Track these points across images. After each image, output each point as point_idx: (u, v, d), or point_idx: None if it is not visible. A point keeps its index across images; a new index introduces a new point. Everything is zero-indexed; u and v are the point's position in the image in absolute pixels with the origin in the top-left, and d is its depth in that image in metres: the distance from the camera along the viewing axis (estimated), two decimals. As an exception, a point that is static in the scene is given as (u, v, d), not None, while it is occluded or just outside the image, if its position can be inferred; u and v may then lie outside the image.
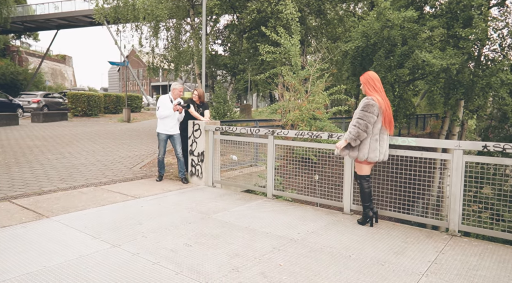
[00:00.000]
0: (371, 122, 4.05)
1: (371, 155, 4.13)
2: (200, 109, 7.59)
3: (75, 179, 6.81)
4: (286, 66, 9.04)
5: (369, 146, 4.12)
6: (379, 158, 4.17)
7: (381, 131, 4.17)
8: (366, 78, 4.24)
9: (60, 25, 42.19)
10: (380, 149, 4.16)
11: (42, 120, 18.52)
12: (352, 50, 11.21)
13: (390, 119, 4.17)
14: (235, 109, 13.16)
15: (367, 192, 4.34)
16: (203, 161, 6.66)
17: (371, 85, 4.18)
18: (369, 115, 4.05)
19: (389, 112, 4.15)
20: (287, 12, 9.24)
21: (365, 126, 4.05)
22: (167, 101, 6.72)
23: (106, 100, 24.57)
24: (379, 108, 4.07)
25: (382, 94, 4.16)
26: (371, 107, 4.06)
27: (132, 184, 6.68)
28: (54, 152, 9.60)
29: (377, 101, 4.07)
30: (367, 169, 4.33)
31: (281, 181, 6.93)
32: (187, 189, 6.39)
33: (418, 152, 4.42)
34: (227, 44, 14.25)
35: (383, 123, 4.14)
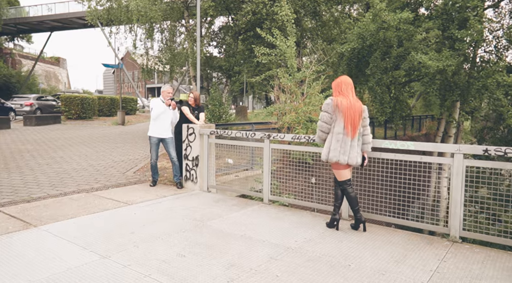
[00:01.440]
0: (325, 120, 4.12)
1: (331, 154, 4.12)
2: (195, 112, 7.45)
3: (66, 185, 6.64)
4: (281, 68, 8.93)
5: (329, 145, 4.14)
6: (340, 158, 4.09)
7: (345, 132, 4.11)
8: (336, 83, 4.26)
9: (53, 27, 41.84)
10: (341, 150, 4.09)
11: (35, 123, 18.28)
12: (348, 52, 11.12)
13: (353, 122, 4.07)
14: (231, 111, 13.02)
15: (353, 196, 4.26)
16: (197, 166, 6.52)
17: (337, 89, 4.21)
18: (323, 114, 4.15)
19: (351, 114, 4.06)
20: (283, 13, 9.14)
21: (320, 126, 4.17)
22: (159, 102, 6.62)
23: (100, 102, 24.32)
24: (335, 106, 4.07)
25: (347, 96, 4.12)
26: (325, 106, 4.16)
27: (125, 190, 6.52)
28: (45, 156, 9.41)
29: (334, 100, 4.09)
30: (344, 173, 4.23)
31: (278, 185, 6.81)
32: (181, 194, 6.25)
33: (417, 156, 4.33)
34: (222, 46, 14.11)
35: (344, 123, 4.08)
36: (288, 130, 8.70)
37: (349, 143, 4.08)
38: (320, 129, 4.19)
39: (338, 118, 4.04)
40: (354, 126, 4.05)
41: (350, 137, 4.08)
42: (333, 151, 4.07)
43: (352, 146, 4.10)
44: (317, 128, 4.24)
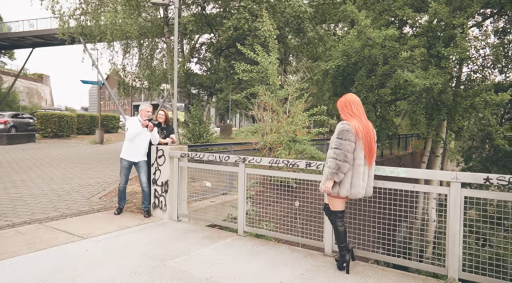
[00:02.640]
0: (350, 151, 3.43)
1: (354, 190, 3.50)
2: (164, 132, 6.87)
3: (17, 214, 5.90)
4: (262, 85, 8.44)
5: (351, 179, 3.49)
6: (362, 193, 3.54)
7: (364, 161, 3.55)
8: (343, 103, 3.67)
9: (35, 43, 41.06)
10: (363, 184, 3.54)
11: (6, 142, 17.35)
12: (332, 69, 10.76)
13: (371, 149, 3.53)
14: (215, 129, 12.43)
15: (341, 231, 3.69)
16: (167, 192, 5.87)
17: (347, 111, 3.61)
18: (346, 143, 3.44)
19: (369, 141, 3.52)
20: (264, 28, 8.74)
21: (343, 156, 3.42)
22: (136, 122, 5.97)
23: (79, 120, 23.49)
24: (355, 134, 3.46)
25: (361, 120, 3.56)
26: (347, 134, 3.45)
27: (85, 219, 5.81)
28: (5, 180, 8.62)
29: (354, 127, 3.47)
30: (342, 204, 3.68)
31: (257, 212, 6.21)
32: (148, 224, 5.58)
33: (409, 184, 3.80)
34: (203, 62, 13.64)
35: (364, 150, 3.52)
36: (270, 151, 8.15)
37: (367, 173, 3.60)
38: (342, 160, 3.38)
39: (357, 147, 3.46)
40: (373, 154, 3.56)
41: (368, 167, 3.59)
42: (357, 186, 3.48)
43: (370, 176, 3.64)
44: (334, 160, 3.41)
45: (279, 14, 11.43)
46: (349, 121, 3.51)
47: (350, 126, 3.46)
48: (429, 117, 11.58)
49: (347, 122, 3.50)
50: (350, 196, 3.51)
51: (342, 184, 3.50)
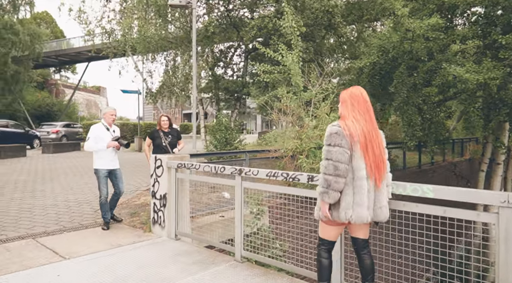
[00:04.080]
0: (342, 160, 2.55)
1: (357, 212, 2.59)
2: (169, 137, 6.42)
3: (17, 227, 5.64)
4: (282, 87, 7.65)
5: (352, 197, 2.60)
6: (368, 216, 2.63)
7: (367, 170, 2.64)
8: (341, 97, 2.82)
9: (90, 58, 43.45)
10: (369, 204, 2.62)
11: (52, 151, 18.06)
12: (367, 67, 9.65)
13: (376, 160, 2.63)
14: (243, 136, 11.81)
15: (324, 265, 2.81)
16: (165, 206, 5.29)
17: (343, 107, 2.76)
18: (335, 150, 2.56)
19: (372, 148, 2.62)
20: (286, 25, 7.96)
21: (333, 169, 2.55)
22: (100, 130, 5.61)
23: (122, 129, 24.11)
24: (349, 137, 2.57)
25: (360, 119, 2.66)
26: (335, 138, 2.58)
27: (81, 234, 5.41)
28: (28, 189, 8.60)
29: (346, 128, 2.59)
30: (335, 232, 2.80)
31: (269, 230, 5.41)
32: (142, 243, 5.01)
33: (439, 208, 2.82)
34: (228, 66, 13.13)
35: (364, 158, 2.62)
36: (292, 160, 7.31)
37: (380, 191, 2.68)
38: (333, 174, 2.54)
39: (355, 154, 2.59)
40: (379, 167, 2.65)
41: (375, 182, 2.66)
42: (360, 206, 2.57)
43: (381, 193, 2.69)
44: (323, 176, 2.61)
45: (308, 10, 10.58)
46: (342, 120, 2.66)
47: (341, 127, 2.58)
48: (486, 118, 10.02)
49: (336, 123, 2.64)
50: (352, 221, 2.62)
51: (339, 205, 2.62)
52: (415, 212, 2.96)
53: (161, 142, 6.63)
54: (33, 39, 34.43)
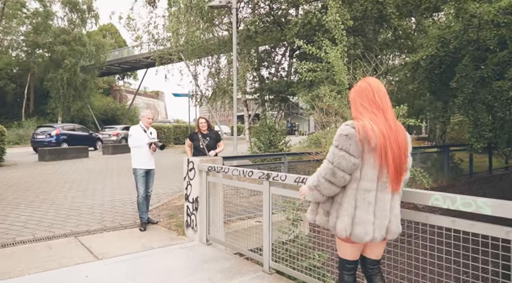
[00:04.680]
0: (344, 168, 2.18)
1: (357, 229, 2.22)
2: (207, 139, 6.37)
3: (64, 225, 5.92)
4: (325, 85, 7.24)
5: (353, 211, 2.23)
6: (374, 235, 2.23)
7: (380, 185, 2.24)
8: (353, 91, 2.43)
9: (149, 64, 45.68)
10: (376, 221, 2.23)
11: (111, 152, 19.11)
12: (424, 61, 8.80)
13: (396, 166, 2.22)
14: (287, 138, 11.52)
15: None
16: (197, 210, 5.20)
17: (358, 103, 2.34)
18: (340, 155, 2.18)
19: (397, 154, 2.22)
20: (330, 19, 7.53)
21: (330, 174, 2.21)
22: (139, 130, 5.87)
23: (176, 131, 24.94)
24: (362, 141, 2.18)
25: (380, 118, 2.26)
26: (344, 141, 2.19)
27: (119, 235, 5.53)
28: (82, 188, 9.08)
29: (360, 129, 2.19)
30: (352, 251, 2.42)
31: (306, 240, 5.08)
32: (173, 247, 4.98)
33: (501, 228, 2.29)
34: (272, 66, 12.85)
35: (379, 170, 2.22)
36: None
37: (389, 204, 2.26)
38: (327, 180, 2.22)
39: (366, 162, 2.20)
40: (397, 173, 2.23)
41: (390, 194, 2.27)
42: (363, 223, 2.21)
43: (392, 208, 2.29)
44: (320, 176, 2.27)
45: (356, 3, 9.98)
46: (357, 121, 2.26)
47: (355, 129, 2.20)
48: None
49: (351, 122, 2.25)
50: (352, 238, 2.25)
51: (338, 217, 2.28)
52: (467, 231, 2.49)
53: (199, 144, 6.60)
54: (98, 49, 37.02)
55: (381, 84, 2.44)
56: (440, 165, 11.66)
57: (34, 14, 35.45)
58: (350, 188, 2.23)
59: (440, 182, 10.93)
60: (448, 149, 12.01)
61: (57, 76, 32.81)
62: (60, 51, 32.75)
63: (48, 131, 18.91)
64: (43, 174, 11.58)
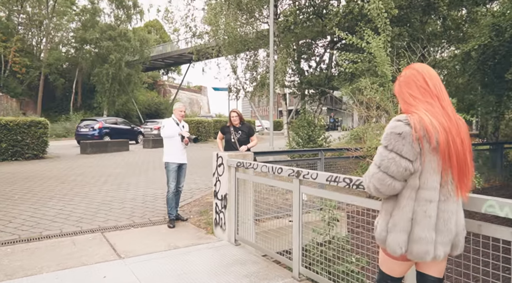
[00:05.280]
0: (394, 173, 1.73)
1: (415, 247, 1.76)
2: (239, 133, 6.09)
3: (93, 220, 5.85)
4: (366, 78, 6.67)
5: (409, 227, 1.77)
6: (436, 253, 1.75)
7: (443, 194, 1.76)
8: (401, 80, 1.95)
9: (192, 59, 46.34)
10: (438, 236, 1.75)
11: (152, 146, 19.44)
12: (476, 51, 7.92)
13: (461, 166, 1.74)
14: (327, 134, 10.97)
15: None
16: (226, 208, 4.91)
17: (406, 94, 1.87)
18: (390, 157, 1.74)
19: (460, 152, 1.73)
20: (372, 6, 6.92)
21: (377, 181, 1.77)
22: (172, 123, 5.74)
23: (216, 125, 25.00)
24: (420, 140, 1.70)
25: (437, 109, 1.77)
26: (396, 140, 1.73)
27: (145, 232, 5.37)
28: (117, 182, 9.13)
29: (418, 127, 1.71)
30: (402, 268, 1.94)
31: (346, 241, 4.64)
32: (200, 246, 4.71)
33: None
34: (312, 58, 12.22)
35: (442, 174, 1.75)
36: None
37: (454, 216, 1.79)
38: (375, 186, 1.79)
39: (426, 165, 1.73)
40: (464, 174, 1.77)
41: (455, 203, 1.80)
42: (421, 240, 1.74)
43: (458, 219, 1.82)
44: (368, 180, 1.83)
45: (402, -9, 9.20)
46: (410, 115, 1.79)
47: (410, 123, 1.73)
48: None
49: (405, 117, 1.77)
50: (408, 256, 1.80)
51: (392, 231, 1.81)
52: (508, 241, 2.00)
53: (231, 137, 6.34)
54: (142, 44, 38.00)
55: (431, 68, 1.97)
56: (493, 163, 10.82)
57: (83, 11, 37.03)
58: (405, 197, 1.78)
59: (492, 182, 10.13)
60: (501, 146, 11.22)
61: (103, 71, 34.06)
62: (106, 47, 33.97)
63: (91, 124, 19.57)
64: (82, 166, 11.88)
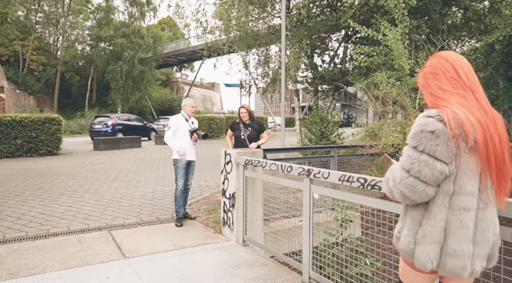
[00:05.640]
0: (427, 177, 1.49)
1: (450, 261, 1.53)
2: (248, 129, 5.90)
3: (100, 217, 5.76)
4: (382, 71, 6.38)
5: (442, 238, 1.54)
6: (474, 267, 1.52)
7: (482, 200, 1.53)
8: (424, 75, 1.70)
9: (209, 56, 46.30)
10: (476, 248, 1.53)
11: (164, 142, 19.38)
12: (501, 43, 7.52)
13: (500, 167, 1.50)
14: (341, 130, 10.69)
15: None
16: (234, 206, 4.73)
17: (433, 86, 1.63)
18: (422, 159, 1.50)
19: (495, 146, 1.49)
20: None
21: (407, 187, 1.53)
22: (179, 121, 5.50)
23: (228, 122, 24.87)
24: (456, 138, 1.47)
25: (469, 101, 1.53)
26: (427, 139, 1.49)
27: (152, 230, 5.24)
28: (127, 179, 9.06)
29: (450, 121, 1.47)
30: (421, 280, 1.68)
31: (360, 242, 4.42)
32: (206, 246, 4.56)
33: None
34: (325, 53, 11.88)
35: (481, 178, 1.52)
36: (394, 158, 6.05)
37: (492, 224, 1.57)
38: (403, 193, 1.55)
39: (462, 166, 1.50)
40: (503, 177, 1.54)
41: (494, 210, 1.58)
42: (459, 255, 1.51)
43: (495, 227, 1.60)
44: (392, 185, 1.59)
45: (422, -20, 8.82)
46: (442, 110, 1.53)
47: (444, 119, 1.48)
48: None
49: (436, 112, 1.52)
50: (440, 272, 1.57)
51: (421, 242, 1.58)
52: None
53: (240, 134, 6.15)
54: (155, 41, 38.10)
55: (461, 56, 1.73)
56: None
57: (97, 8, 37.35)
58: (438, 204, 1.55)
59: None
60: (526, 144, 10.63)
61: (117, 68, 34.30)
62: (119, 44, 34.19)
63: (104, 121, 19.67)
64: (94, 163, 11.89)
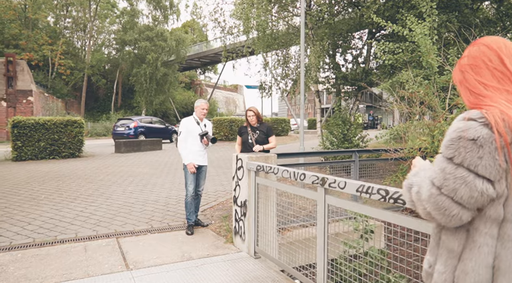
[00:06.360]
0: (463, 198, 1.09)
1: None
2: (256, 133, 5.56)
3: (110, 223, 5.59)
4: (408, 70, 5.91)
5: (489, 275, 1.14)
6: None
7: None
8: (461, 68, 1.31)
9: (226, 58, 46.39)
10: None
11: (184, 145, 19.37)
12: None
13: None
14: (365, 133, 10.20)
15: None
16: (245, 215, 4.42)
17: (472, 81, 1.24)
18: (459, 175, 1.10)
19: None
20: (416, -11, 6.15)
21: (435, 207, 1.13)
22: (191, 123, 5.24)
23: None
24: (507, 148, 1.07)
25: None
26: (468, 149, 1.09)
27: (162, 238, 5.01)
28: (143, 183, 8.92)
29: (499, 124, 1.08)
30: None
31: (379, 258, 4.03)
32: (216, 258, 4.26)
33: None
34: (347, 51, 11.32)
35: None
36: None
37: None
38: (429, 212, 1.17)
39: None
40: None
41: None
42: None
43: None
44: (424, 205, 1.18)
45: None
46: (486, 110, 1.15)
47: (491, 123, 1.10)
48: None
49: (479, 114, 1.14)
50: None
51: (460, 280, 1.17)
52: None
53: (248, 138, 5.80)
54: (178, 44, 38.46)
55: (509, 41, 1.34)
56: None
57: (122, 13, 38.08)
58: (481, 232, 1.17)
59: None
60: None
61: (141, 71, 34.80)
62: (143, 47, 34.67)
63: (127, 124, 19.83)
64: (113, 166, 11.87)
